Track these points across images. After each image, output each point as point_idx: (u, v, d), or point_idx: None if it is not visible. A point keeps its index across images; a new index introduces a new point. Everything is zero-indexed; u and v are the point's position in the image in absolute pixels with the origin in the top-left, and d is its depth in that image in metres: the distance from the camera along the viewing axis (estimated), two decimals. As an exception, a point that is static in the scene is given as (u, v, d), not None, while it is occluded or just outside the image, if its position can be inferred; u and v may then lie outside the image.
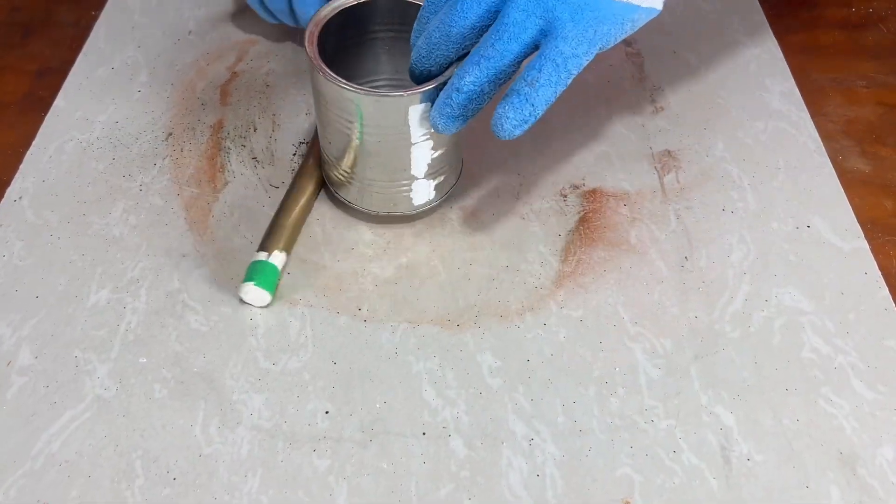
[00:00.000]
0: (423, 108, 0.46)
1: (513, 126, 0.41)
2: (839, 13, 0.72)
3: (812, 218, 0.54)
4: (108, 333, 0.47)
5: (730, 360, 0.46)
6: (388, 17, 0.53)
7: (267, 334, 0.47)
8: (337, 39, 0.52)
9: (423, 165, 0.50)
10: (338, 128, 0.48)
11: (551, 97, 0.41)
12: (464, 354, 0.46)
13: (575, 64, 0.41)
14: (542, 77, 0.41)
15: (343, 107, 0.47)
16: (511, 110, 0.41)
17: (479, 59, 0.42)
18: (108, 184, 0.56)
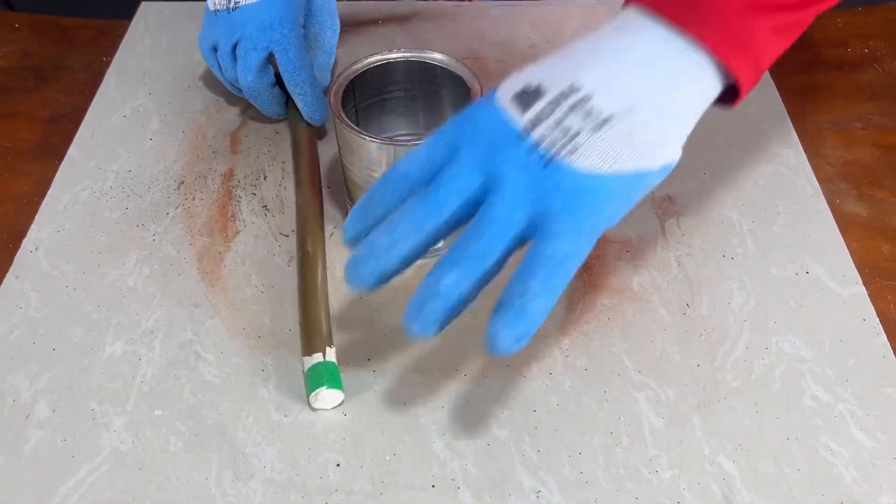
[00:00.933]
0: None
1: (509, 344, 0.35)
2: (835, 53, 0.74)
3: (810, 263, 0.55)
4: (123, 385, 0.48)
5: (731, 409, 0.47)
6: (404, 76, 0.56)
7: (278, 386, 0.48)
8: (358, 97, 0.56)
9: None
10: (358, 173, 0.52)
11: (550, 305, 0.36)
12: (471, 405, 0.47)
13: (574, 263, 0.36)
14: (535, 285, 0.35)
15: (361, 154, 0.50)
16: (503, 328, 0.35)
17: (460, 259, 0.36)
18: (121, 234, 0.57)
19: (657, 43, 0.37)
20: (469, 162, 0.37)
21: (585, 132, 0.36)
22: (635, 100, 0.36)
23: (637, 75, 0.36)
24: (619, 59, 0.37)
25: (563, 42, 0.70)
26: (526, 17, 0.75)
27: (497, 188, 0.36)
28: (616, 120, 0.36)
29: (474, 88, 0.51)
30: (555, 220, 0.36)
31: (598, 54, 0.37)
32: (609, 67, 0.37)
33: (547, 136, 0.36)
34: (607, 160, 0.36)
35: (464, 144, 0.37)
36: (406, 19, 0.75)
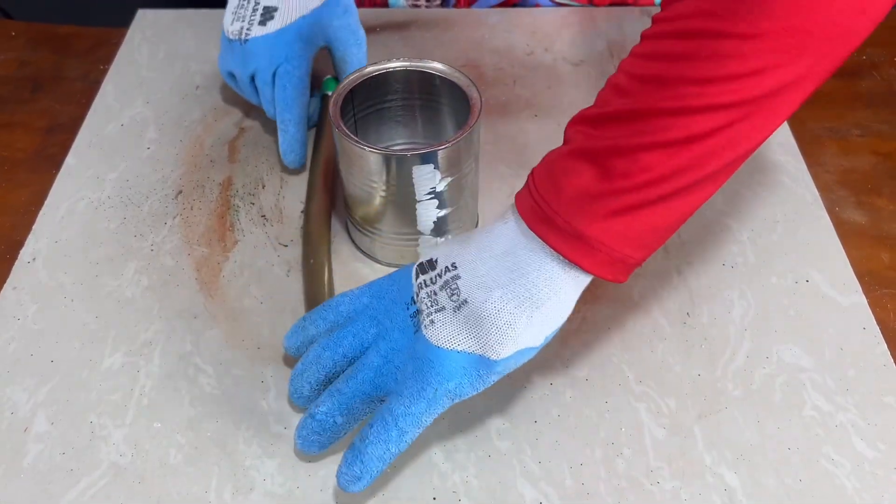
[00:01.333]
0: (427, 169, 0.49)
1: (346, 482, 0.40)
2: (833, 60, 0.74)
3: (810, 272, 0.55)
4: (122, 398, 0.48)
5: (732, 419, 0.47)
6: (403, 86, 0.56)
7: (278, 397, 0.48)
8: (357, 106, 0.56)
9: (429, 223, 0.52)
10: (355, 182, 0.52)
11: (384, 454, 0.40)
12: (472, 416, 0.47)
13: (408, 422, 0.40)
14: (371, 434, 0.40)
15: (358, 163, 0.50)
16: (344, 464, 0.40)
17: (334, 392, 0.42)
18: (119, 244, 0.57)
19: (511, 236, 0.40)
20: (370, 314, 0.44)
21: (448, 309, 0.40)
22: (490, 287, 0.39)
23: (493, 264, 0.40)
24: (487, 246, 0.41)
25: (560, 48, 0.70)
26: (524, 24, 0.75)
27: (378, 341, 0.42)
28: (471, 304, 0.39)
29: (473, 98, 0.51)
30: (404, 382, 0.40)
31: (479, 240, 0.41)
32: (478, 253, 0.41)
33: (421, 306, 0.41)
34: (453, 339, 0.40)
35: (377, 298, 0.44)
36: (404, 27, 0.75)
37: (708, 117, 0.35)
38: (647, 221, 0.37)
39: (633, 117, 0.36)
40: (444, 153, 0.48)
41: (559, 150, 0.40)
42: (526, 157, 0.63)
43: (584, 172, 0.37)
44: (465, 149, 0.50)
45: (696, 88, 0.35)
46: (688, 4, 0.36)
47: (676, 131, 0.36)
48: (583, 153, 0.38)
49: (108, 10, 0.79)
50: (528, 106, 0.67)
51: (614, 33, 0.74)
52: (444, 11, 0.77)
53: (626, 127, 0.37)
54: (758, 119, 0.36)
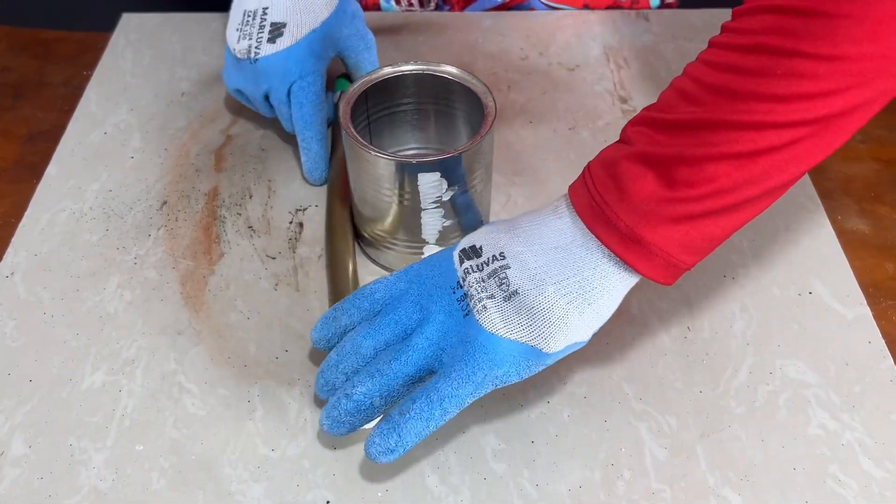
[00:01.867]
0: (433, 177, 0.47)
1: (377, 452, 0.40)
2: (833, 64, 0.73)
3: (814, 283, 0.53)
4: (103, 419, 0.46)
5: (736, 438, 0.46)
6: (416, 89, 0.55)
7: (265, 418, 0.46)
8: (371, 109, 0.54)
9: (434, 231, 0.51)
10: (362, 186, 0.51)
11: (423, 431, 0.40)
12: (466, 437, 0.46)
13: (452, 403, 0.40)
14: (413, 409, 0.39)
15: (364, 166, 0.49)
16: (378, 436, 0.40)
17: (374, 373, 0.41)
18: (102, 257, 0.55)
19: (567, 232, 0.40)
20: (412, 299, 0.43)
21: (498, 297, 0.40)
22: (543, 280, 0.40)
23: (546, 258, 0.40)
24: (539, 240, 0.41)
25: (555, 52, 0.69)
26: (518, 28, 0.74)
27: (424, 324, 0.42)
28: (522, 295, 0.40)
29: (488, 106, 0.50)
30: (453, 364, 0.40)
31: (528, 231, 0.41)
32: (529, 246, 0.41)
33: (470, 291, 0.41)
34: (507, 328, 0.40)
35: (417, 283, 0.43)
36: (396, 31, 0.73)
37: (776, 133, 0.36)
38: (705, 230, 0.38)
39: (700, 127, 0.37)
40: (452, 162, 0.47)
41: (620, 149, 0.40)
42: (521, 166, 0.61)
43: (648, 178, 0.37)
44: (475, 159, 0.48)
45: (768, 105, 0.35)
46: (763, 19, 0.36)
47: (744, 145, 0.36)
48: (647, 158, 0.38)
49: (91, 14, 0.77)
50: (523, 112, 0.66)
51: (610, 37, 0.73)
52: (436, 15, 0.75)
53: (694, 136, 0.37)
54: (824, 137, 0.36)
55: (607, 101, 0.67)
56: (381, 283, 0.44)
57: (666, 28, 0.74)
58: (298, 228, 0.57)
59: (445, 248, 0.45)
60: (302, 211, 0.58)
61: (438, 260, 0.44)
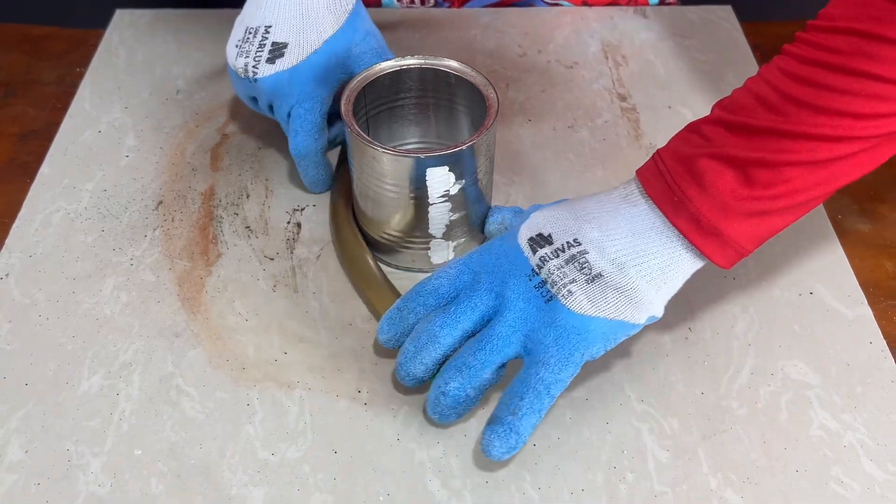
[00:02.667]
0: (440, 172, 0.47)
1: (501, 453, 0.41)
2: (831, 62, 0.72)
3: (814, 284, 0.53)
4: (100, 424, 0.46)
5: (738, 440, 0.45)
6: (417, 83, 0.54)
7: (265, 421, 0.46)
8: (369, 105, 0.54)
9: (441, 226, 0.51)
10: (365, 183, 0.50)
11: (536, 422, 0.42)
12: (468, 440, 0.45)
13: (558, 388, 0.42)
14: (524, 406, 0.41)
15: (370, 164, 0.48)
16: (497, 439, 0.41)
17: (462, 367, 0.42)
18: (97, 258, 0.54)
19: (645, 219, 0.43)
20: (486, 287, 0.44)
21: (580, 282, 0.42)
22: (624, 264, 0.42)
23: (625, 243, 0.43)
24: (615, 226, 0.43)
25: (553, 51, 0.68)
26: (516, 25, 0.73)
27: (503, 311, 0.43)
28: (605, 278, 0.42)
29: (490, 98, 0.49)
30: (546, 351, 0.42)
31: (600, 218, 0.44)
32: (605, 232, 0.43)
33: (550, 277, 0.43)
34: (594, 308, 0.42)
35: (485, 272, 0.44)
36: (394, 27, 0.72)
37: (851, 144, 0.40)
38: (772, 224, 0.42)
39: (782, 135, 0.40)
40: (460, 155, 0.47)
41: (694, 145, 0.42)
42: (519, 164, 0.61)
43: (727, 176, 0.41)
44: (481, 151, 0.48)
45: (849, 121, 0.39)
46: (847, 40, 0.39)
47: (822, 154, 0.40)
48: (728, 159, 0.41)
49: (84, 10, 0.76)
50: (522, 110, 0.65)
51: (608, 34, 0.72)
52: (434, 11, 0.75)
53: (775, 142, 0.40)
54: (887, 147, 0.41)
55: (606, 98, 0.66)
56: (443, 278, 0.45)
57: (664, 25, 0.73)
58: (296, 229, 0.56)
59: (498, 237, 0.46)
60: (300, 211, 0.57)
61: (501, 249, 0.45)
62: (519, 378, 0.42)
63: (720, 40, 0.72)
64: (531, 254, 0.44)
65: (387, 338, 0.46)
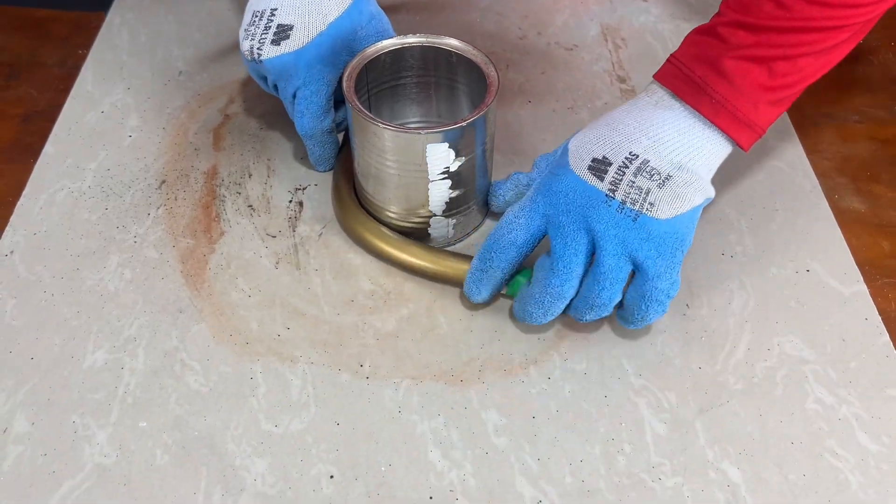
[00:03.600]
0: (441, 148, 0.48)
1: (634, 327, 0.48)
2: (830, 45, 0.73)
3: (811, 262, 0.54)
4: (106, 397, 0.47)
5: (734, 414, 0.46)
6: (419, 62, 0.55)
7: (268, 394, 0.47)
8: (371, 83, 0.54)
9: (441, 203, 0.51)
10: (367, 160, 0.51)
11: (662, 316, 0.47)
12: (468, 412, 0.46)
13: (675, 289, 0.46)
14: (649, 315, 0.46)
15: (371, 140, 0.49)
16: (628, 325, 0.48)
17: (593, 306, 0.46)
18: (101, 236, 0.55)
19: (685, 119, 0.46)
20: (573, 227, 0.45)
21: (654, 190, 0.45)
22: (681, 162, 0.46)
23: (675, 142, 0.46)
24: (659, 130, 0.46)
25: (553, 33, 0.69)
26: (516, 7, 0.74)
27: (602, 244, 0.45)
28: (674, 176, 0.45)
29: (490, 76, 0.50)
30: (653, 264, 0.45)
31: (642, 126, 0.46)
32: (653, 138, 0.46)
33: (627, 196, 0.45)
34: (678, 206, 0.45)
35: (561, 213, 0.46)
36: (395, 10, 0.73)
37: (850, 30, 0.45)
38: (784, 108, 0.47)
39: (797, 31, 0.45)
40: (460, 132, 0.47)
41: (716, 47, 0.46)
42: (520, 146, 0.61)
43: (754, 73, 0.45)
44: (482, 128, 0.49)
45: (851, 11, 0.44)
46: None
47: (826, 42, 0.45)
48: (755, 58, 0.45)
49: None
50: (522, 92, 0.66)
51: (607, 17, 0.73)
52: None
53: (791, 38, 0.45)
54: (861, 34, 0.47)
55: (605, 80, 0.67)
56: (516, 229, 0.47)
57: (663, 8, 0.74)
58: (298, 207, 0.57)
59: (544, 179, 0.47)
60: (301, 190, 0.58)
61: (563, 186, 0.46)
62: (637, 292, 0.45)
63: (719, 23, 0.72)
64: (598, 181, 0.45)
65: (482, 298, 0.49)
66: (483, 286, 0.48)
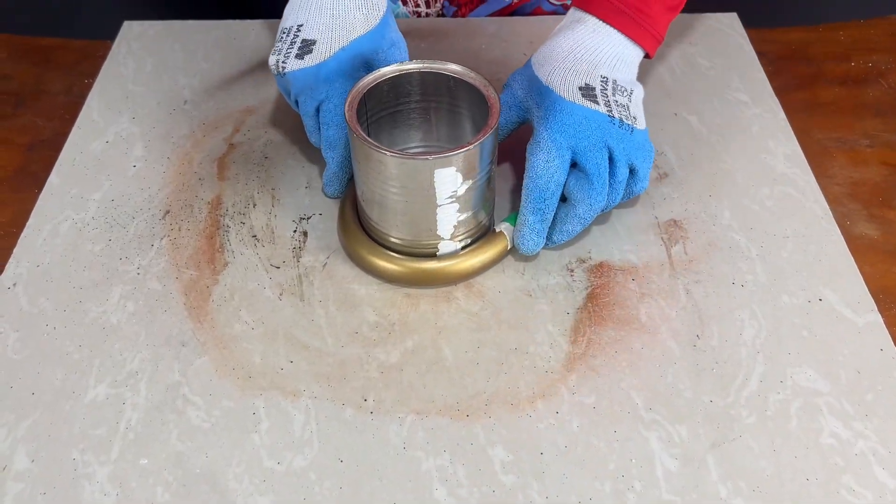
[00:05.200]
0: (448, 172, 0.47)
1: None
2: (839, 68, 0.72)
3: (823, 290, 0.53)
4: (107, 432, 0.46)
5: (747, 448, 0.45)
6: (418, 88, 0.54)
7: (271, 430, 0.46)
8: (370, 110, 0.54)
9: (450, 226, 0.51)
10: (371, 188, 0.50)
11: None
12: (475, 448, 0.45)
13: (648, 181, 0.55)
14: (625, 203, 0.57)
15: (377, 168, 0.48)
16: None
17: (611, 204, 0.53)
18: (104, 267, 0.54)
19: (624, 46, 0.54)
20: (598, 149, 0.51)
21: (629, 104, 0.53)
22: (628, 76, 0.55)
23: (622, 61, 0.54)
24: (608, 52, 0.54)
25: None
26: (521, 34, 0.73)
27: (615, 158, 0.52)
28: (633, 90, 0.54)
29: (491, 98, 0.50)
30: (641, 167, 0.53)
31: (594, 52, 0.54)
32: (609, 61, 0.54)
33: (620, 114, 0.52)
34: (643, 114, 0.54)
35: (585, 141, 0.51)
36: (398, 37, 0.72)
37: None
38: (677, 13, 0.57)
39: None
40: (466, 155, 0.47)
41: None
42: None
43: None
44: (487, 150, 0.49)
45: None
46: None
47: None
48: None
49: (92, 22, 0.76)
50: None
51: (614, 42, 0.72)
52: (440, 21, 0.75)
53: None
54: None
55: (612, 106, 0.66)
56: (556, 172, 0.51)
57: (668, 33, 0.73)
58: (303, 237, 0.56)
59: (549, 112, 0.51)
60: (306, 219, 0.57)
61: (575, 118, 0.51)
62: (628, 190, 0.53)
63: (725, 47, 0.72)
64: (596, 105, 0.51)
65: (541, 247, 0.53)
66: (542, 235, 0.52)
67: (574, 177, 0.52)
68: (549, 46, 0.55)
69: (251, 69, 0.70)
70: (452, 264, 0.52)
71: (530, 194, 0.51)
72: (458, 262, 0.52)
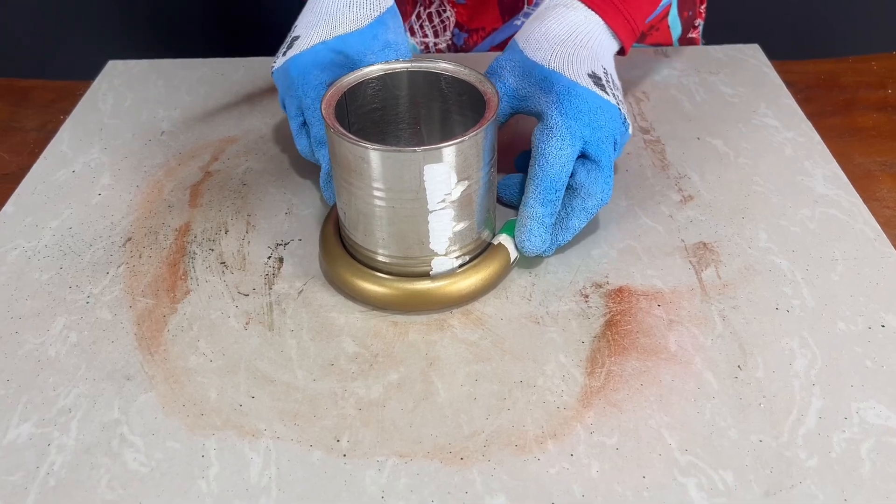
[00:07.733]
0: (439, 170, 0.41)
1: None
2: (874, 95, 0.66)
3: (885, 315, 0.45)
4: (23, 479, 0.38)
5: (811, 497, 0.36)
6: (408, 91, 0.49)
7: (221, 475, 0.38)
8: (358, 112, 0.48)
9: (444, 239, 0.44)
10: (353, 193, 0.43)
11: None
12: (470, 497, 0.36)
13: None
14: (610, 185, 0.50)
15: (358, 168, 0.42)
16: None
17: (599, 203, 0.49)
18: (50, 296, 0.48)
19: (604, 30, 0.51)
20: (608, 141, 0.48)
21: (623, 98, 0.50)
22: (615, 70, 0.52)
23: (610, 52, 0.52)
24: (602, 43, 0.50)
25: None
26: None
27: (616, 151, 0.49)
28: (621, 87, 0.52)
29: (487, 92, 0.44)
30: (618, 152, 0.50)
31: (592, 40, 0.50)
32: (603, 52, 0.50)
33: (622, 108, 0.49)
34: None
35: (597, 132, 0.47)
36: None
37: None
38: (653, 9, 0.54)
39: None
40: (460, 148, 0.40)
41: None
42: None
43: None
44: (483, 147, 0.42)
45: None
46: None
47: None
48: None
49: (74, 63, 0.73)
50: (534, 144, 0.59)
51: (627, 74, 0.67)
52: (446, 57, 0.70)
53: None
54: None
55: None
56: (567, 163, 0.46)
57: (687, 63, 0.68)
58: (277, 263, 0.49)
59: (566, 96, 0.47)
60: (283, 245, 0.51)
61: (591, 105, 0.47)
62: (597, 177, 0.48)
63: (749, 76, 0.66)
64: (606, 94, 0.48)
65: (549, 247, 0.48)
66: (549, 231, 0.46)
67: (584, 167, 0.46)
68: (538, 30, 0.50)
69: (237, 102, 0.65)
70: (449, 283, 0.45)
71: (540, 184, 0.46)
72: (455, 282, 0.45)
